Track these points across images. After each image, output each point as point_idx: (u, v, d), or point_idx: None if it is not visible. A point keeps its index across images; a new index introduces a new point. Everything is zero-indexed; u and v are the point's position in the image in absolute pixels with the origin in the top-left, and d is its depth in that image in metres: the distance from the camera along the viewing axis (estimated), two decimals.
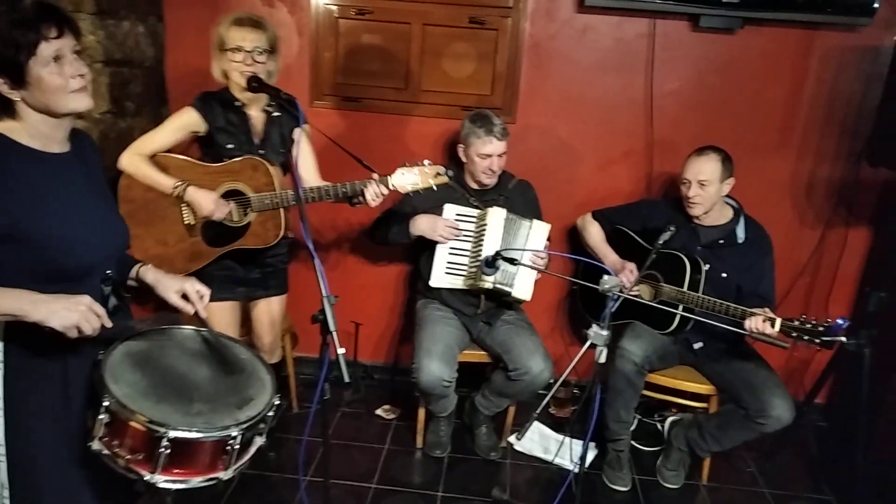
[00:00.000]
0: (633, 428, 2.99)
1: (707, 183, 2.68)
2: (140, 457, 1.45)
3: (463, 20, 3.08)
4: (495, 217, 2.76)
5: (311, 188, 2.45)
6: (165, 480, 1.46)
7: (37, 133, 1.49)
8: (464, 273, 2.85)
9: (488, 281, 2.72)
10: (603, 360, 2.07)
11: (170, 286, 1.71)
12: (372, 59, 3.16)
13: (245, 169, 2.42)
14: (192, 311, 1.72)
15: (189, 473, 1.50)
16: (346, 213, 3.28)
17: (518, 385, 2.79)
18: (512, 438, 3.09)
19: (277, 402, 1.65)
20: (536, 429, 3.21)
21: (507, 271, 2.74)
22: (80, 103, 1.49)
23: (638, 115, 3.17)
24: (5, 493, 1.54)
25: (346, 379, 1.65)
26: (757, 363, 2.77)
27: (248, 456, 1.60)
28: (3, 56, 1.39)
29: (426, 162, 2.44)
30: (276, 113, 2.15)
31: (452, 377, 2.74)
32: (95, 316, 1.44)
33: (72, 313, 1.40)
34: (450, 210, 2.84)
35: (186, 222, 2.45)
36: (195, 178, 2.38)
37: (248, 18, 2.36)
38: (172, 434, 1.43)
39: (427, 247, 2.90)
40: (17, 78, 1.41)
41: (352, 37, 3.14)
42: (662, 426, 3.23)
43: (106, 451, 1.45)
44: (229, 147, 2.43)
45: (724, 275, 2.74)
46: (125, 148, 2.38)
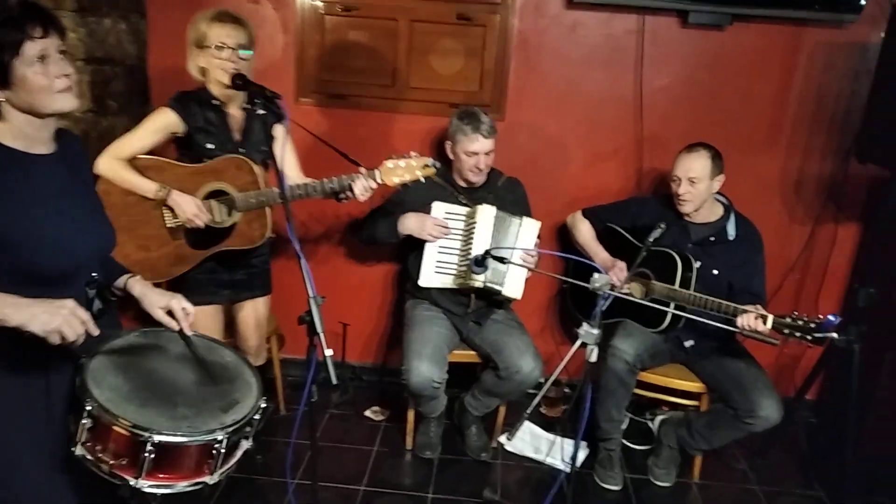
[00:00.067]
0: (624, 427, 2.99)
1: (697, 180, 2.67)
2: (124, 462, 1.42)
3: (450, 16, 3.05)
4: (485, 215, 2.74)
5: (298, 185, 2.42)
6: (150, 485, 1.44)
7: (21, 134, 1.46)
8: (453, 272, 2.83)
9: (478, 280, 2.70)
10: (594, 358, 2.06)
11: (155, 302, 1.68)
12: (358, 55, 3.13)
13: (229, 168, 2.38)
14: (176, 328, 1.69)
15: (174, 478, 1.48)
16: (333, 210, 3.27)
17: (508, 385, 2.78)
18: (503, 438, 3.07)
19: (264, 404, 1.63)
20: (527, 428, 3.19)
21: (498, 270, 2.72)
22: (66, 104, 1.46)
23: (627, 112, 3.16)
24: None
25: (334, 381, 1.64)
26: (747, 362, 2.76)
27: (235, 460, 1.58)
28: None
29: (413, 154, 2.43)
30: (260, 111, 2.12)
31: (443, 378, 2.72)
32: (79, 321, 1.38)
33: (53, 318, 1.35)
34: (438, 208, 2.81)
35: (169, 226, 2.39)
36: (177, 179, 2.34)
37: (228, 14, 2.32)
38: (157, 438, 1.41)
39: (416, 246, 2.87)
40: (1, 78, 1.39)
41: (338, 33, 3.11)
42: (653, 425, 3.23)
43: (89, 457, 1.43)
44: (209, 147, 2.39)
45: (716, 272, 2.74)
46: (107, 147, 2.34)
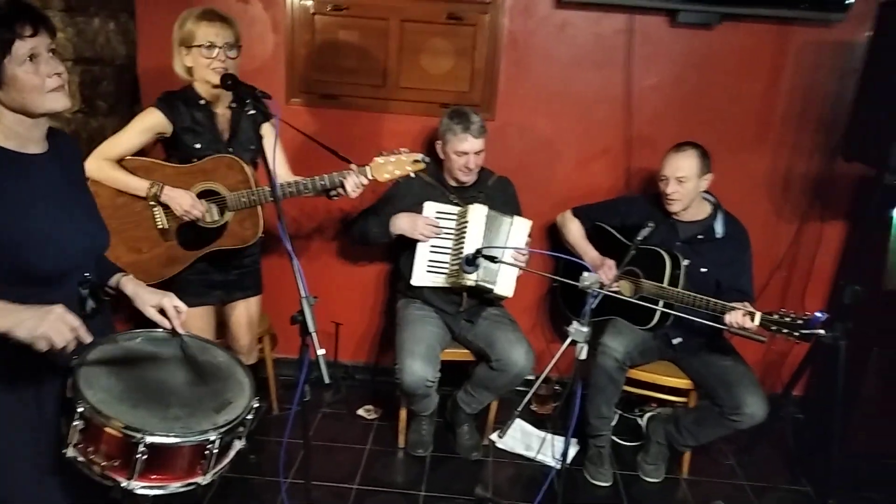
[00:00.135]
0: (613, 423, 3.01)
1: (685, 179, 2.69)
2: (116, 463, 1.42)
3: (441, 16, 3.06)
4: (476, 214, 2.75)
5: (289, 183, 2.42)
6: (143, 487, 1.44)
7: (12, 133, 1.45)
8: (445, 271, 2.84)
9: (470, 279, 2.71)
10: (584, 356, 2.08)
11: (147, 300, 1.67)
12: (349, 55, 3.13)
13: (219, 167, 2.37)
14: (168, 326, 1.69)
15: (167, 479, 1.47)
16: (325, 206, 3.26)
17: (501, 377, 2.78)
18: (494, 436, 3.09)
19: (256, 404, 1.63)
20: (518, 426, 3.21)
21: (490, 269, 2.74)
22: (58, 103, 1.46)
23: (617, 111, 3.18)
24: None
25: (327, 380, 1.64)
26: (733, 360, 2.79)
27: (228, 460, 1.58)
28: None
29: (403, 150, 2.44)
30: (251, 111, 2.12)
31: (436, 377, 2.73)
32: (67, 327, 1.35)
33: (40, 323, 1.32)
34: (430, 208, 2.82)
35: (160, 227, 2.37)
36: (166, 179, 2.33)
37: (215, 13, 2.30)
38: (149, 439, 1.40)
39: (407, 245, 2.88)
40: None
41: (328, 33, 3.11)
42: (642, 421, 3.26)
43: (81, 458, 1.42)
44: (197, 147, 2.37)
45: (704, 270, 2.76)
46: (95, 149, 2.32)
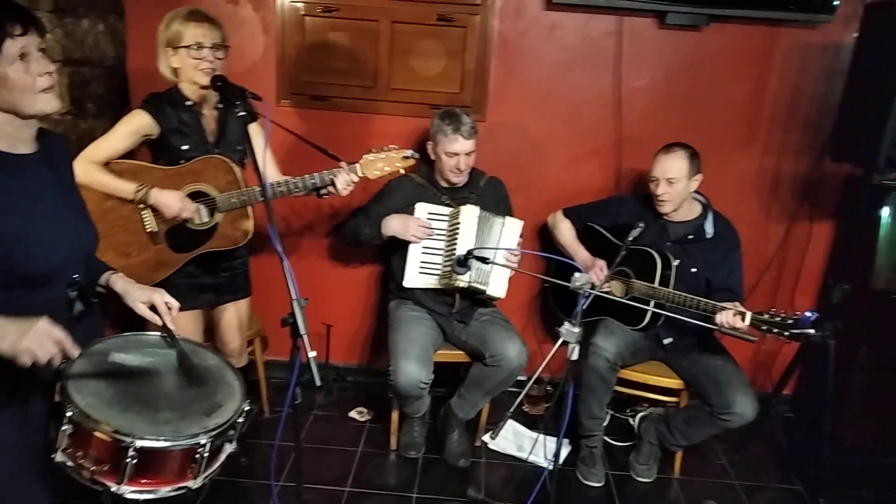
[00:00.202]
0: (605, 424, 3.01)
1: (675, 180, 2.70)
2: (106, 468, 1.41)
3: (431, 17, 3.06)
4: (468, 215, 2.74)
5: (279, 182, 2.41)
6: (133, 491, 1.42)
7: (2, 134, 1.44)
8: (437, 272, 2.83)
9: (463, 280, 2.71)
10: (575, 357, 2.08)
11: (138, 297, 1.67)
12: (339, 57, 3.13)
13: (208, 168, 2.35)
14: (160, 322, 1.68)
15: (157, 483, 1.46)
16: (315, 203, 3.23)
17: (497, 374, 2.77)
18: (486, 437, 3.09)
19: (247, 407, 1.62)
20: (510, 427, 3.21)
21: (482, 270, 2.74)
22: (48, 105, 1.45)
23: (606, 112, 3.19)
24: None
25: (318, 382, 1.64)
26: (724, 360, 2.80)
27: (218, 463, 1.57)
28: None
29: (392, 147, 2.45)
30: (241, 112, 2.11)
31: (429, 378, 2.72)
32: (52, 341, 1.34)
33: (23, 338, 1.31)
34: (421, 209, 2.82)
35: (149, 230, 2.35)
36: (154, 182, 2.30)
37: (202, 14, 2.29)
38: (139, 443, 1.39)
39: (399, 246, 2.87)
40: None
41: (319, 34, 3.11)
42: (634, 421, 3.26)
43: (70, 463, 1.41)
44: (184, 148, 2.35)
45: (694, 270, 2.77)
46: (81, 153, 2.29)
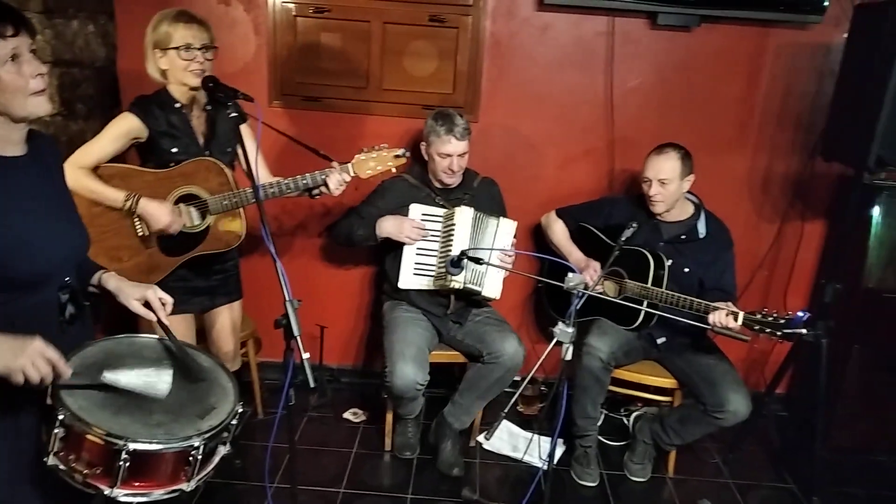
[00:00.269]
0: (599, 423, 3.02)
1: (667, 181, 2.71)
2: (98, 471, 1.40)
3: (423, 18, 3.06)
4: (463, 216, 2.74)
5: (271, 183, 2.40)
6: (126, 494, 1.42)
7: None
8: (432, 274, 2.83)
9: (458, 281, 2.70)
10: (569, 357, 2.08)
11: (131, 294, 1.67)
12: (331, 57, 3.12)
13: (199, 171, 2.33)
14: (154, 318, 1.68)
15: (150, 486, 1.45)
16: (307, 203, 3.21)
17: (495, 370, 2.77)
18: (481, 438, 3.09)
19: (241, 409, 1.61)
20: (505, 427, 3.21)
21: (477, 270, 2.73)
22: (40, 108, 1.44)
23: (598, 113, 3.20)
24: None
25: (312, 384, 1.63)
26: (717, 358, 2.81)
27: (212, 466, 1.56)
28: None
29: (384, 146, 2.45)
30: (233, 113, 2.10)
31: (425, 380, 2.71)
32: (45, 361, 1.35)
33: (17, 357, 1.32)
34: (416, 210, 2.82)
35: (140, 234, 2.33)
36: (145, 185, 2.29)
37: (190, 15, 2.27)
38: (132, 446, 1.38)
39: (393, 247, 2.87)
40: None
41: (310, 35, 3.10)
42: (628, 421, 3.27)
43: (62, 467, 1.40)
44: (174, 151, 2.33)
45: (687, 270, 2.78)
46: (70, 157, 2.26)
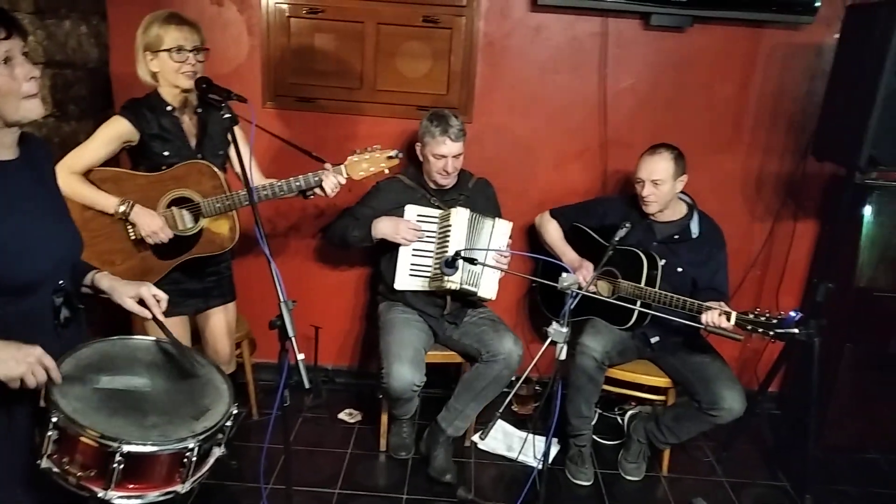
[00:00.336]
0: (594, 423, 3.03)
1: (661, 182, 2.72)
2: (92, 473, 1.40)
3: (416, 19, 3.06)
4: (459, 217, 2.74)
5: (264, 185, 2.40)
6: (120, 497, 1.42)
7: None
8: (428, 275, 2.83)
9: (454, 282, 2.70)
10: (563, 356, 2.08)
11: (125, 292, 1.67)
12: (325, 58, 3.12)
13: (191, 174, 2.33)
14: (149, 316, 1.68)
15: (145, 488, 1.45)
16: (300, 204, 3.24)
17: (493, 369, 2.77)
18: (476, 437, 3.09)
19: (235, 411, 1.61)
20: (500, 427, 3.22)
21: (473, 271, 2.73)
22: (33, 111, 1.43)
23: (592, 113, 3.21)
24: None
25: (307, 384, 1.63)
26: (711, 356, 2.82)
27: (207, 467, 1.56)
28: None
29: (377, 147, 2.45)
30: (227, 115, 2.10)
31: (422, 381, 2.71)
32: (43, 369, 1.38)
33: (19, 365, 1.34)
34: (411, 211, 2.82)
35: (133, 237, 2.32)
36: (137, 189, 2.28)
37: (181, 17, 2.27)
38: (126, 448, 1.39)
39: (388, 248, 2.87)
40: None
41: (304, 36, 3.10)
42: (622, 420, 3.28)
43: (56, 469, 1.40)
44: (165, 154, 2.32)
45: (680, 269, 2.79)
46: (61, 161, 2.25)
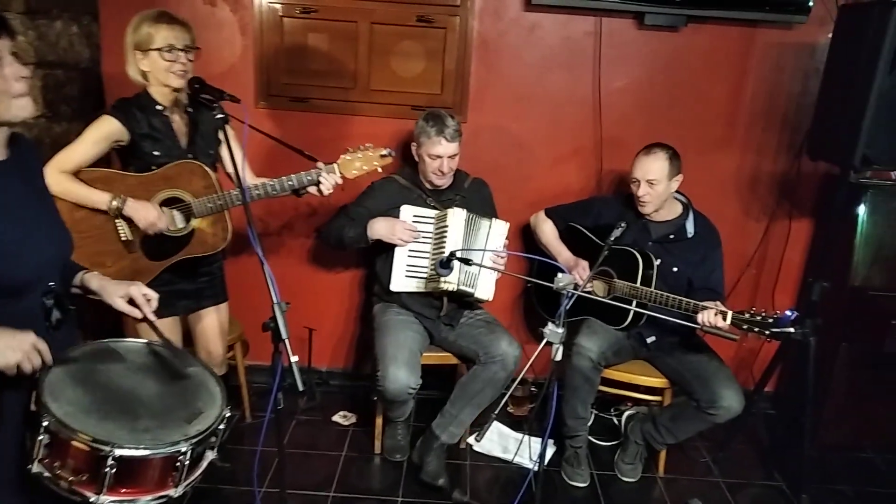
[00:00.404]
0: (590, 423, 3.02)
1: (656, 182, 2.71)
2: (84, 478, 1.38)
3: (410, 18, 3.05)
4: (456, 218, 2.72)
5: (257, 185, 2.38)
6: (112, 501, 1.40)
7: None
8: (424, 276, 2.81)
9: (451, 282, 2.68)
10: (559, 357, 2.08)
11: (114, 291, 1.66)
12: (319, 58, 3.11)
13: (182, 174, 2.30)
14: (139, 315, 1.66)
15: (137, 492, 1.44)
16: (293, 204, 3.22)
17: (490, 370, 2.75)
18: (471, 439, 3.08)
19: (228, 414, 1.60)
20: (495, 428, 3.21)
21: (470, 272, 2.72)
22: (24, 111, 1.42)
23: (586, 113, 3.20)
24: None
25: (300, 387, 1.62)
26: (707, 355, 2.82)
27: (200, 471, 1.55)
28: None
29: (369, 145, 2.44)
30: (219, 115, 2.08)
31: (418, 383, 2.68)
32: (38, 354, 1.37)
33: (15, 352, 1.34)
34: (407, 212, 2.80)
35: (124, 238, 2.30)
36: (128, 189, 2.25)
37: (172, 16, 2.25)
38: (118, 452, 1.37)
39: (384, 249, 2.85)
40: None
41: (297, 36, 3.08)
42: (619, 421, 3.28)
43: (47, 474, 1.38)
44: (156, 154, 2.30)
45: (676, 269, 2.78)
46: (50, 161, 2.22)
